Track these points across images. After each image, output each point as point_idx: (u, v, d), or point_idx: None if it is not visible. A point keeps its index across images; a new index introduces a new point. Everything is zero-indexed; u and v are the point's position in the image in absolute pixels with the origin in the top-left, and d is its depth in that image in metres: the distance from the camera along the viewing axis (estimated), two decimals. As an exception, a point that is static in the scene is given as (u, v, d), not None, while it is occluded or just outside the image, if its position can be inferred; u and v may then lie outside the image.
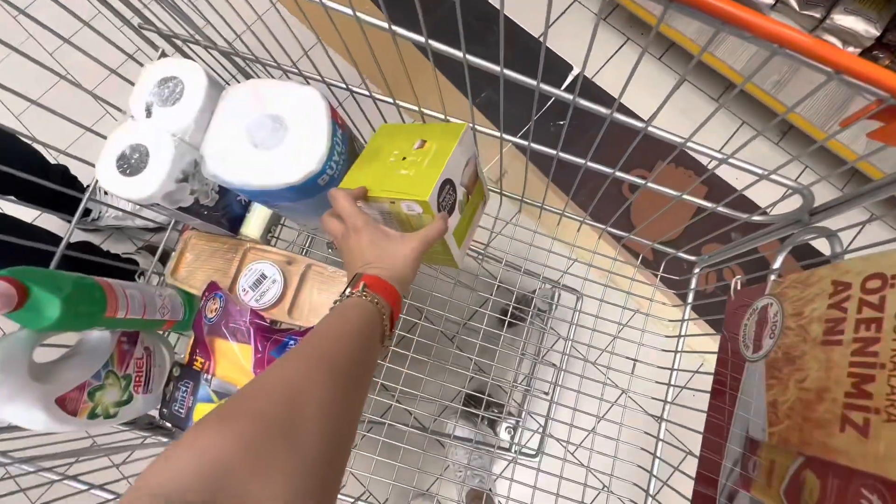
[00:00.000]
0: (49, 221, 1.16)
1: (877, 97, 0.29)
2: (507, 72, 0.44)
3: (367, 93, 0.58)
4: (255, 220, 0.72)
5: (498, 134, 0.57)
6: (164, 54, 0.66)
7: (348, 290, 0.40)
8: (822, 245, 1.17)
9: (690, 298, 0.64)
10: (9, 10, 0.50)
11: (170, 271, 0.73)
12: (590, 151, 0.52)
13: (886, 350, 0.29)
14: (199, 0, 0.58)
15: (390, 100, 0.58)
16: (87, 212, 1.18)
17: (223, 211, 0.68)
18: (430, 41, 0.44)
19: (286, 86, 0.54)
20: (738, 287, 0.51)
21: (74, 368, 0.57)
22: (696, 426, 0.62)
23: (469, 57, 0.44)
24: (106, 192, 1.14)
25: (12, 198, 0.78)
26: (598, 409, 0.75)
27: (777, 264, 0.47)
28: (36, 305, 0.49)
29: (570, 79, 1.40)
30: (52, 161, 1.08)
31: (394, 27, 0.43)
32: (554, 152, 0.55)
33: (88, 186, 1.13)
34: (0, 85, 0.49)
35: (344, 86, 0.58)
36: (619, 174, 0.52)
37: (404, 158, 0.52)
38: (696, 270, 0.65)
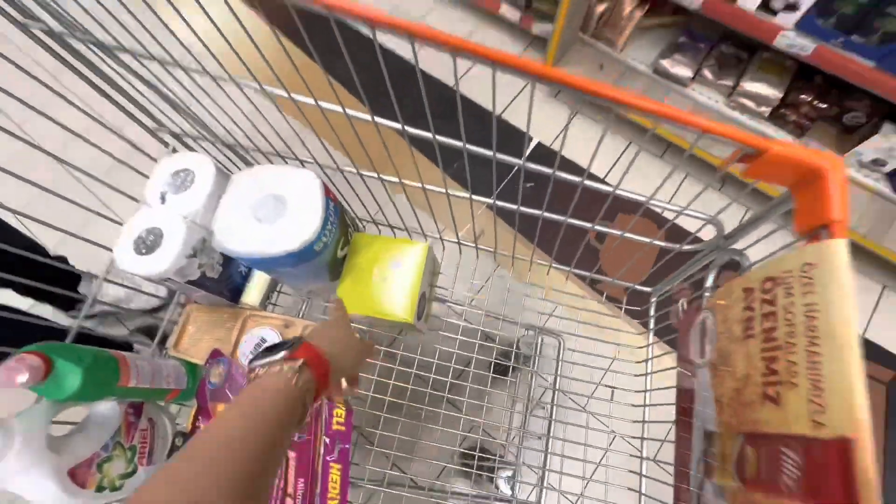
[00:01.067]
0: (41, 310, 1.18)
1: (735, 147, 0.39)
2: (469, 146, 0.54)
3: (354, 170, 0.68)
4: (255, 289, 0.79)
5: (468, 195, 0.67)
6: (174, 150, 0.76)
7: (286, 356, 0.43)
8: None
9: (652, 325, 0.72)
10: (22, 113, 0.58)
11: (172, 344, 0.78)
12: (543, 205, 0.62)
13: (781, 334, 0.37)
14: (205, 99, 0.68)
15: (374, 174, 0.68)
16: (77, 301, 1.21)
17: (226, 282, 0.75)
18: (407, 127, 0.55)
19: (285, 170, 0.63)
20: (685, 307, 0.60)
21: (87, 440, 0.59)
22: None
23: (438, 137, 0.55)
24: (97, 277, 1.18)
25: (11, 292, 0.82)
26: (588, 455, 0.77)
27: (708, 283, 0.56)
28: (58, 377, 0.53)
29: (529, 148, 1.57)
30: (51, 252, 1.14)
31: (376, 118, 0.54)
32: (515, 207, 0.65)
33: (81, 275, 1.17)
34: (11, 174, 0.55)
35: (335, 166, 0.68)
36: (571, 220, 0.62)
37: (385, 279, 0.73)
38: (653, 299, 0.73)
